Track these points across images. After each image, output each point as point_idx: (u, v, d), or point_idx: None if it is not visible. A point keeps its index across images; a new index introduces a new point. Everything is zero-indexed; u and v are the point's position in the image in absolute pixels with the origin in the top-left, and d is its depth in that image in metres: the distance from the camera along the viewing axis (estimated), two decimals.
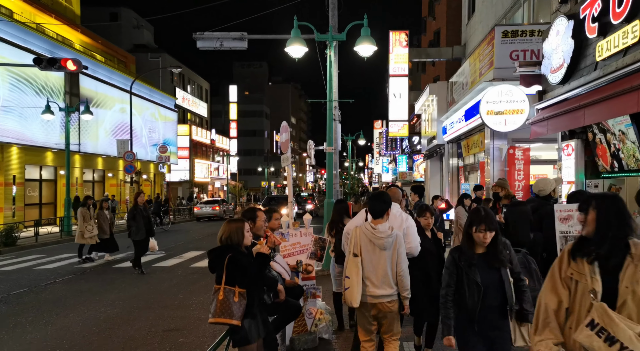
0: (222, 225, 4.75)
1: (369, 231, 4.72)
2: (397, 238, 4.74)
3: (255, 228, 5.14)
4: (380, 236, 4.66)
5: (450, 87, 18.28)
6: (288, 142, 7.93)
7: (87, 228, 14.78)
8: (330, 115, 13.19)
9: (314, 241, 7.26)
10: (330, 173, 13.36)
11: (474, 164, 16.47)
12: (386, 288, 4.70)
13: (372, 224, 4.76)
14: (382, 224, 4.73)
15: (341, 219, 7.43)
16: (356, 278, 4.66)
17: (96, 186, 35.17)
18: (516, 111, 11.13)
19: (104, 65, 34.77)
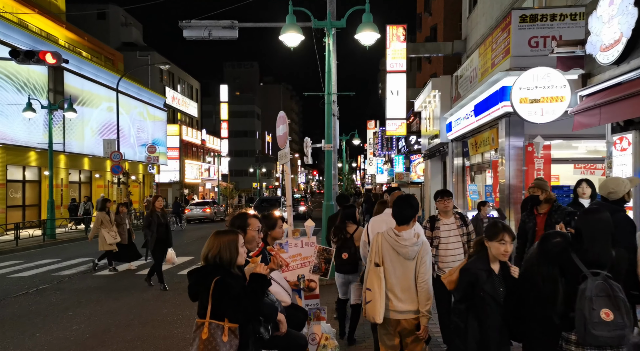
0: (209, 238, 3.68)
1: (392, 238, 4.31)
2: (424, 245, 4.33)
3: (246, 239, 4.02)
4: (405, 244, 4.25)
5: (455, 82, 17.23)
6: (286, 136, 6.83)
7: (111, 234, 13.35)
8: (328, 109, 12.12)
9: (318, 253, 6.18)
10: (330, 173, 12.28)
11: (482, 164, 15.43)
12: (412, 303, 4.29)
13: (396, 230, 4.34)
14: (408, 231, 4.31)
15: (345, 226, 6.89)
16: (379, 290, 4.27)
17: (83, 187, 33.91)
18: (555, 98, 9.62)
19: (90, 62, 33.53)
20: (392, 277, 4.33)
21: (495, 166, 12.59)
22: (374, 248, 4.43)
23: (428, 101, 20.70)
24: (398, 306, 4.31)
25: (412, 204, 4.46)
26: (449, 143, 17.98)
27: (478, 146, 14.64)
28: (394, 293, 4.32)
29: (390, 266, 4.33)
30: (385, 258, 4.35)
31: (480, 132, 14.27)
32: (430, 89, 19.04)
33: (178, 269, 13.65)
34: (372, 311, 4.31)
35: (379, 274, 4.31)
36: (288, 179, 6.90)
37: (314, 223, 6.71)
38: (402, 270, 4.31)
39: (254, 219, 4.31)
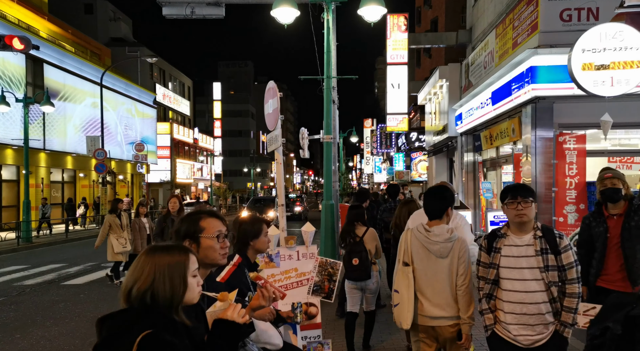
0: (136, 259, 2.12)
1: (422, 234, 3.94)
2: (459, 242, 3.89)
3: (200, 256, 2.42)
4: (436, 241, 3.87)
5: (465, 70, 15.71)
6: (277, 115, 5.26)
7: (120, 241, 11.24)
8: (328, 95, 10.57)
9: (319, 267, 4.62)
10: (329, 168, 10.73)
11: (496, 159, 13.89)
12: (446, 307, 3.88)
13: (427, 225, 3.97)
14: (440, 226, 3.92)
15: (354, 228, 6.27)
16: (407, 292, 3.93)
17: (66, 187, 32.21)
18: (630, 63, 7.45)
19: (74, 55, 31.80)
20: (423, 278, 3.92)
21: (518, 161, 11.06)
22: (403, 245, 4.04)
23: (434, 92, 19.16)
24: (430, 310, 3.88)
25: (444, 195, 4.02)
26: (458, 137, 16.44)
27: (493, 139, 13.09)
28: (425, 295, 3.90)
29: (420, 266, 3.93)
30: (415, 256, 3.96)
31: (497, 124, 12.74)
32: (436, 78, 17.50)
33: None
34: (399, 315, 3.96)
35: (407, 274, 3.94)
36: (280, 171, 5.36)
37: (314, 228, 5.14)
38: (434, 270, 3.88)
39: (212, 220, 2.63)
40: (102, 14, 49.07)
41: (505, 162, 13.02)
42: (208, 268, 2.58)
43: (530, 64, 9.48)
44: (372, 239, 6.23)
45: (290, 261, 4.59)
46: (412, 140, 28.84)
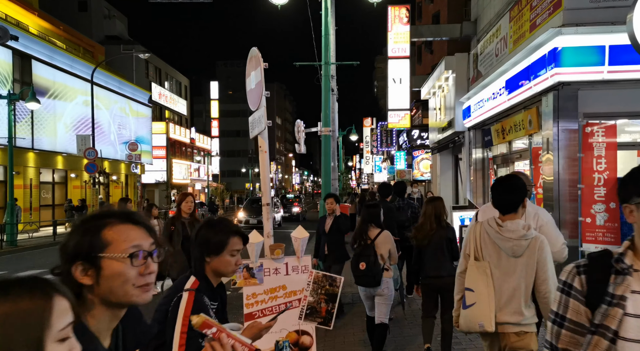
0: None
1: (493, 229, 3.47)
2: (537, 240, 3.39)
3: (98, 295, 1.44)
4: (509, 237, 3.40)
5: (474, 60, 14.70)
6: (261, 90, 4.20)
7: None
8: (326, 83, 9.55)
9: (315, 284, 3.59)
10: (328, 164, 9.70)
11: (508, 155, 12.87)
12: (513, 313, 3.42)
13: (499, 219, 3.49)
14: (514, 222, 3.43)
15: (367, 229, 5.82)
16: (486, 289, 3.46)
17: (57, 188, 31.17)
18: None
19: (65, 52, 30.75)
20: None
21: (536, 155, 10.04)
22: (471, 239, 3.67)
23: (438, 85, 18.13)
24: (498, 315, 3.49)
25: (517, 186, 3.56)
26: (466, 132, 15.42)
27: (506, 132, 12.07)
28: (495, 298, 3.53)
29: (489, 264, 3.56)
30: (485, 253, 3.58)
31: (510, 116, 11.72)
32: (442, 70, 16.48)
33: None
34: (478, 316, 3.50)
35: (484, 269, 3.54)
36: (264, 161, 4.35)
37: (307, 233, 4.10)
38: (505, 270, 3.50)
39: (124, 229, 1.51)
40: (97, 12, 48.05)
41: (520, 157, 12.01)
42: (115, 309, 1.52)
43: (553, 45, 8.46)
44: (385, 243, 5.77)
45: (277, 276, 3.60)
46: (414, 138, 27.79)
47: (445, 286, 5.56)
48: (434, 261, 5.81)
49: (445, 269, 5.74)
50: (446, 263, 5.78)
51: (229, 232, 2.47)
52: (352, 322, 8.03)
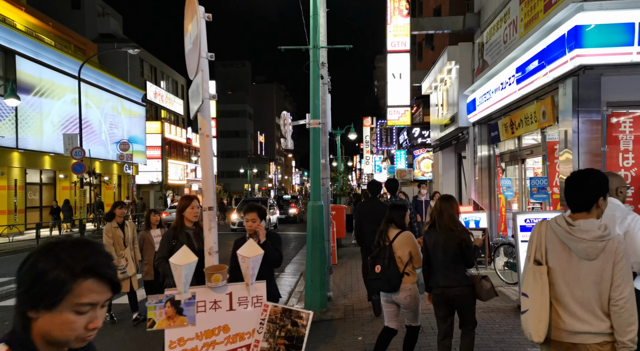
0: None
1: (563, 228, 3.12)
2: (615, 242, 3.00)
3: None
4: (581, 238, 3.04)
5: (479, 49, 13.61)
6: (201, 48, 3.10)
7: (120, 262, 7.88)
8: (314, 69, 8.46)
9: (271, 322, 2.48)
10: (317, 161, 8.61)
11: (517, 151, 11.78)
12: (592, 321, 3.05)
13: (569, 218, 3.13)
14: (588, 221, 3.08)
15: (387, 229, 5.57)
16: (539, 297, 3.17)
17: (45, 189, 30.07)
18: None
19: (52, 48, 29.63)
20: (561, 282, 3.16)
21: (552, 150, 8.97)
22: (535, 239, 3.29)
23: (440, 78, 17.04)
24: (570, 323, 3.10)
25: (593, 182, 3.13)
26: (470, 128, 14.33)
27: (515, 126, 10.98)
28: (563, 304, 3.13)
29: (558, 267, 3.17)
30: (551, 255, 3.20)
31: (521, 107, 10.64)
32: (444, 62, 15.39)
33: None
34: (528, 325, 3.22)
35: (541, 274, 3.17)
36: (204, 149, 3.27)
37: (261, 250, 2.99)
38: (576, 273, 3.10)
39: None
40: (90, 9, 47.01)
41: (531, 154, 10.92)
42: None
43: (573, 23, 7.37)
44: (403, 245, 5.38)
45: (216, 313, 2.53)
46: (415, 136, 26.71)
47: (459, 298, 5.10)
48: (444, 268, 5.15)
49: (458, 278, 5.09)
50: (459, 271, 5.12)
51: (79, 268, 1.39)
52: None
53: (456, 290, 5.09)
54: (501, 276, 10.40)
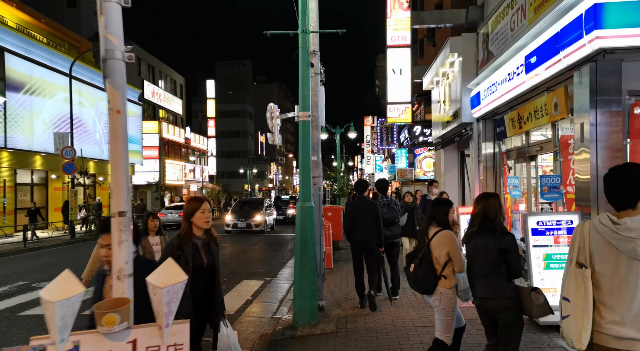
0: None
1: (608, 228, 2.94)
2: None
3: None
4: (629, 236, 2.84)
5: (484, 39, 12.80)
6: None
7: None
8: (304, 56, 7.68)
9: None
10: (307, 158, 7.83)
11: (525, 148, 10.96)
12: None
13: (614, 216, 2.95)
14: (634, 218, 2.87)
15: (427, 227, 5.09)
16: (582, 302, 2.99)
17: (36, 190, 29.32)
18: None
19: (44, 45, 28.86)
20: (607, 284, 2.96)
21: (566, 146, 8.15)
22: (577, 241, 3.09)
23: (442, 72, 16.23)
24: (614, 328, 2.91)
25: (634, 176, 2.93)
26: (474, 124, 13.52)
27: (524, 121, 10.16)
28: (609, 307, 2.95)
29: (605, 269, 2.96)
30: (596, 256, 2.99)
31: (530, 100, 9.83)
32: (446, 54, 14.58)
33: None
34: (570, 330, 3.03)
35: (583, 278, 2.99)
36: (114, 128, 2.50)
37: (183, 275, 2.19)
38: (625, 275, 2.88)
39: None
40: (86, 7, 46.32)
41: (540, 150, 10.11)
42: None
43: (592, 1, 6.55)
44: (440, 244, 4.90)
45: None
46: (416, 134, 25.92)
47: (499, 312, 4.47)
48: (484, 276, 4.56)
49: (498, 289, 4.47)
50: (500, 280, 4.49)
51: None
52: None
53: (496, 303, 4.48)
54: None
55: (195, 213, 4.41)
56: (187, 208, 4.48)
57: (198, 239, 4.43)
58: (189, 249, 4.34)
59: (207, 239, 4.50)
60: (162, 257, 4.42)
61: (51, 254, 18.31)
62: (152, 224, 7.05)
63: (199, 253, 4.41)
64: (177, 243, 4.37)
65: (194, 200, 4.51)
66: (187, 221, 4.45)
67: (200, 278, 4.38)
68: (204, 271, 4.41)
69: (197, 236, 4.43)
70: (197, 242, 4.42)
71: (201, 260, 4.37)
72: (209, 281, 4.48)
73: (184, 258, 4.26)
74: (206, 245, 4.48)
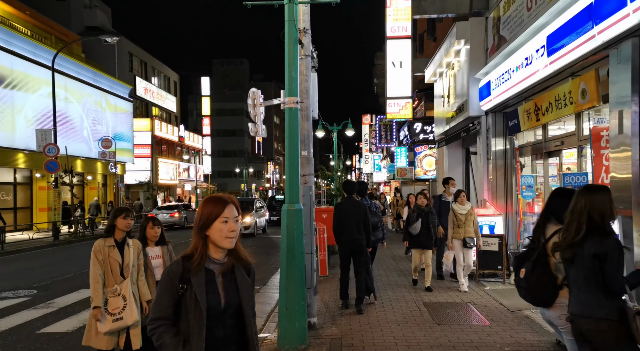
0: None
1: None
2: None
3: None
4: None
5: (494, 24, 11.61)
6: None
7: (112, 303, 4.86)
8: (290, 30, 6.51)
9: None
10: (295, 152, 6.65)
11: (542, 143, 9.80)
12: None
13: None
14: None
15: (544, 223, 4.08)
16: None
17: (20, 189, 28.05)
18: None
19: (27, 38, 27.58)
20: None
21: (598, 139, 6.98)
22: None
23: (447, 63, 15.07)
24: None
25: None
26: (483, 117, 12.35)
27: (542, 112, 8.99)
28: None
29: None
30: None
31: (550, 88, 8.68)
32: (452, 41, 13.41)
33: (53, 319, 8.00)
34: None
35: None
36: None
37: None
38: None
39: None
40: (76, 1, 44.96)
41: (561, 145, 8.95)
42: None
43: None
44: None
45: None
46: (417, 131, 24.72)
47: (592, 334, 3.50)
48: (576, 288, 3.63)
49: (591, 306, 3.49)
50: (594, 296, 3.49)
51: None
52: None
53: (587, 323, 3.53)
54: None
55: (214, 224, 2.65)
56: (200, 214, 2.69)
57: (215, 264, 2.70)
58: (199, 280, 2.62)
59: (228, 264, 2.73)
60: (159, 291, 2.67)
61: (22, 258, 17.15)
62: (151, 233, 5.42)
63: (215, 287, 2.67)
64: (181, 271, 2.63)
65: (212, 202, 2.72)
66: (199, 235, 2.68)
67: (220, 327, 2.66)
68: (222, 316, 2.66)
69: (215, 260, 2.70)
70: (212, 268, 2.69)
71: (218, 299, 2.65)
72: (234, 331, 2.72)
73: (191, 295, 2.60)
74: (228, 273, 2.73)
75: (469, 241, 9.42)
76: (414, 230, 9.61)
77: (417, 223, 9.61)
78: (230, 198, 2.75)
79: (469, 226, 9.43)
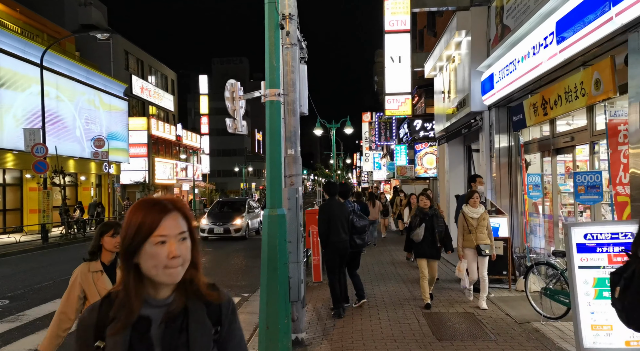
0: None
1: None
2: None
3: None
4: None
5: (497, 13, 10.88)
6: None
7: None
8: (271, 14, 5.82)
9: None
10: (276, 150, 5.94)
11: (550, 139, 9.09)
12: None
13: None
14: None
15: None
16: None
17: (9, 190, 27.36)
18: None
19: (16, 35, 26.86)
20: None
21: (615, 133, 6.27)
22: None
23: (447, 56, 14.34)
24: None
25: None
26: (485, 112, 11.63)
27: (550, 105, 8.27)
28: None
29: None
30: None
31: (559, 79, 7.96)
32: (452, 33, 12.68)
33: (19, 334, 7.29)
34: None
35: None
36: None
37: None
38: None
39: None
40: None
41: (571, 141, 8.24)
42: None
43: None
44: None
45: None
46: (416, 129, 24.00)
47: None
48: None
49: None
50: None
51: None
52: None
53: None
54: (535, 305, 7.73)
55: (144, 246, 1.63)
56: (126, 231, 1.66)
57: (153, 308, 1.66)
58: (118, 340, 1.59)
59: (177, 305, 1.68)
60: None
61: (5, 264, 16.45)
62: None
63: (149, 345, 1.62)
64: (95, 322, 1.64)
65: (142, 208, 1.67)
66: (126, 265, 1.65)
67: None
68: None
69: (153, 300, 1.67)
70: (149, 314, 1.65)
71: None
72: None
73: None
74: (176, 320, 1.66)
75: (484, 248, 8.20)
76: (416, 237, 8.34)
77: (420, 229, 8.33)
78: (173, 202, 1.71)
79: (481, 231, 8.23)
